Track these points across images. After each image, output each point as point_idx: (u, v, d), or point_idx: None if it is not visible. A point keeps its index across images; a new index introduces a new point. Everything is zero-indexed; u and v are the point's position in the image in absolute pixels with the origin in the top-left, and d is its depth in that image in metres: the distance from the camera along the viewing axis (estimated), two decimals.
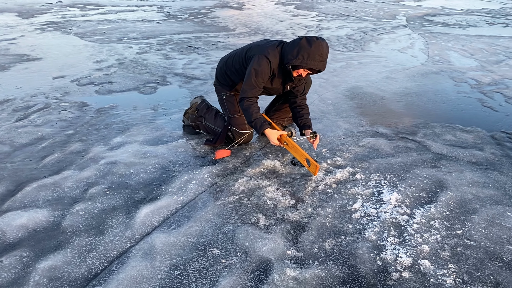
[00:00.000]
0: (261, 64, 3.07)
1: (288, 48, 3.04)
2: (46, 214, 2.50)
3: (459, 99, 4.87)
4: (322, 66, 3.01)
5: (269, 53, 3.07)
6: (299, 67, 3.02)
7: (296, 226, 2.50)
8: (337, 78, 5.53)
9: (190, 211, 2.61)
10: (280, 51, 3.09)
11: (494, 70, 6.15)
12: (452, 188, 2.94)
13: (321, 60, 2.98)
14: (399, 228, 2.50)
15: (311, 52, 2.94)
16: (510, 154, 3.51)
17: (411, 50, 7.35)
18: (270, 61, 3.07)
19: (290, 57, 2.99)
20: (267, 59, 3.06)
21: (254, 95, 3.14)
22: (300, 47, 2.96)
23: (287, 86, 3.27)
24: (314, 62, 2.97)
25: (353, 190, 2.89)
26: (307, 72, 3.09)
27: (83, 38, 7.14)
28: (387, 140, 3.70)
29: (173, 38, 7.46)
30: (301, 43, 2.97)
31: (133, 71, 5.42)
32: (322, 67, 3.03)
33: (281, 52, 3.09)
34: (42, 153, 3.25)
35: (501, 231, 2.51)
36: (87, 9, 10.15)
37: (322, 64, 3.01)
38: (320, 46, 2.95)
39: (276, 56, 3.08)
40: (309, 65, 2.97)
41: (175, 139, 3.57)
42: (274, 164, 3.22)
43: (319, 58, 2.96)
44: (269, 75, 3.14)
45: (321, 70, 3.06)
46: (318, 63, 2.98)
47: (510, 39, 8.57)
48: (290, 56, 2.99)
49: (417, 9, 12.59)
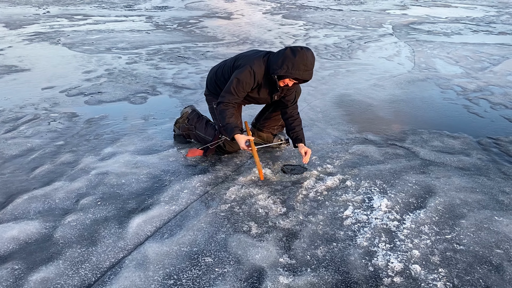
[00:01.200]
0: (244, 74, 3.12)
1: (273, 59, 3.08)
2: (37, 226, 2.49)
3: (445, 106, 4.95)
4: (307, 75, 3.04)
5: (255, 64, 3.12)
6: (284, 76, 3.06)
7: (288, 233, 2.52)
8: (325, 86, 5.59)
9: (182, 220, 2.62)
10: (266, 62, 3.14)
11: (479, 77, 6.28)
12: (441, 194, 2.99)
13: (306, 69, 3.01)
14: (389, 234, 2.54)
15: (296, 62, 2.97)
16: (496, 159, 3.59)
17: (398, 57, 7.47)
18: (254, 72, 3.12)
19: (275, 67, 3.03)
20: (252, 69, 3.11)
21: (231, 102, 3.19)
22: (285, 57, 3.00)
23: (275, 96, 3.31)
24: (299, 72, 3.00)
25: (344, 197, 2.92)
26: (294, 82, 3.13)
27: (72, 49, 7.12)
28: (376, 147, 3.75)
29: (162, 48, 7.48)
30: (286, 53, 3.01)
31: (122, 81, 5.42)
32: (308, 76, 3.05)
33: (267, 63, 3.13)
34: (32, 164, 3.23)
35: (489, 235, 2.55)
36: (75, 19, 10.13)
37: (307, 74, 3.03)
38: (305, 56, 2.98)
39: (261, 66, 3.13)
40: (294, 74, 3.00)
41: (166, 149, 3.57)
42: (265, 172, 3.24)
43: (304, 68, 2.99)
44: (252, 86, 3.18)
45: (307, 79, 3.09)
46: (303, 73, 3.01)
47: (494, 46, 8.75)
48: (275, 66, 3.03)
49: (402, 17, 12.80)
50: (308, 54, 3.01)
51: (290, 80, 3.10)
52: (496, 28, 11.31)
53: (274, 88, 3.22)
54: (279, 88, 3.19)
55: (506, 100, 5.20)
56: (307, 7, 14.31)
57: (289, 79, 3.08)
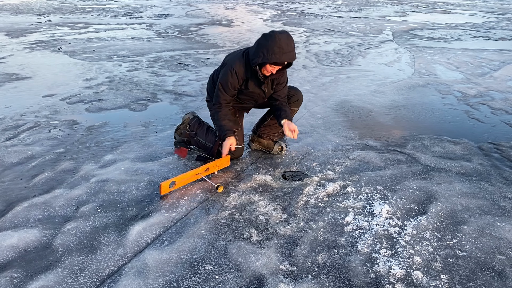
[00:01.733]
0: (226, 76, 3.22)
1: (250, 50, 3.14)
2: (37, 234, 2.48)
3: (446, 111, 4.95)
4: (285, 57, 2.99)
5: (235, 63, 3.19)
6: (262, 64, 3.07)
7: (288, 240, 2.51)
8: (326, 92, 5.60)
9: (182, 227, 2.61)
10: (246, 57, 3.18)
11: (479, 82, 6.28)
12: (442, 199, 2.97)
13: (282, 52, 2.96)
14: (391, 240, 2.52)
15: (269, 46, 2.97)
16: (498, 165, 3.57)
17: (398, 64, 7.48)
18: (235, 71, 3.18)
19: (253, 57, 3.07)
20: (232, 69, 3.19)
21: (223, 101, 3.31)
22: (259, 45, 3.04)
23: (265, 88, 3.30)
24: (275, 55, 2.97)
25: (344, 203, 2.91)
26: (276, 68, 3.10)
27: (73, 57, 7.15)
28: (377, 153, 3.74)
29: (163, 56, 7.50)
30: (259, 41, 3.06)
31: (123, 89, 5.43)
32: (286, 58, 3.00)
33: (247, 57, 3.17)
34: (32, 172, 3.22)
35: (491, 241, 2.54)
36: (76, 27, 10.18)
37: (285, 56, 2.98)
38: (277, 38, 2.96)
39: (241, 63, 3.18)
40: (270, 59, 2.98)
41: (167, 156, 3.57)
42: (265, 179, 3.23)
43: (279, 51, 2.96)
44: (239, 83, 3.24)
45: (286, 62, 3.03)
46: (280, 56, 2.97)
47: (494, 52, 8.77)
48: (253, 56, 3.07)
49: (402, 24, 12.84)
50: (282, 36, 2.99)
51: (271, 66, 3.07)
52: (496, 34, 11.34)
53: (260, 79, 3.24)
54: (262, 78, 3.19)
55: (507, 105, 5.19)
56: (307, 14, 14.36)
57: (269, 65, 3.06)
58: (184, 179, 3.08)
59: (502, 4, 22.24)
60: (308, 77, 6.34)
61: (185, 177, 3.08)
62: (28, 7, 13.55)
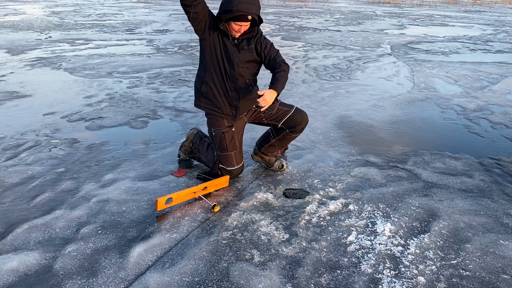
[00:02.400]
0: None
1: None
2: (37, 257, 2.46)
3: (446, 126, 4.96)
4: (241, 6, 2.87)
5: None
6: (222, 17, 3.00)
7: (291, 261, 2.49)
8: (325, 107, 5.61)
9: (183, 248, 2.59)
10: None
11: (479, 96, 6.30)
12: (445, 217, 2.96)
13: (239, 1, 2.88)
14: (394, 260, 2.50)
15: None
16: (499, 181, 3.56)
17: (397, 77, 7.51)
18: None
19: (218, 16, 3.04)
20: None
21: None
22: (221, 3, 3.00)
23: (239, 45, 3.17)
24: (232, 4, 2.89)
25: (347, 222, 2.89)
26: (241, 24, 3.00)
27: (73, 74, 7.17)
28: (378, 169, 3.73)
29: (163, 72, 7.54)
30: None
31: (123, 106, 5.44)
32: (243, 7, 2.88)
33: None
34: (33, 192, 3.21)
35: (495, 260, 2.52)
36: (77, 44, 10.24)
37: (241, 5, 2.87)
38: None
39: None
40: (227, 7, 2.91)
41: (167, 174, 3.56)
42: (267, 197, 3.22)
43: (237, 0, 2.89)
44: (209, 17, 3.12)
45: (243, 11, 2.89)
46: (237, 5, 2.88)
47: (492, 65, 8.81)
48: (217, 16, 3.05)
49: (400, 37, 12.93)
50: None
51: (236, 24, 2.99)
52: (494, 47, 11.41)
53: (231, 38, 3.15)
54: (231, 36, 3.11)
55: (507, 119, 5.20)
56: (305, 29, 14.48)
57: (233, 23, 3.00)
58: (181, 196, 3.07)
59: (498, 16, 22.44)
60: (307, 92, 6.36)
61: (182, 194, 3.07)
62: (29, 24, 13.66)
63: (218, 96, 3.29)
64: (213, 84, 3.28)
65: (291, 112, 3.43)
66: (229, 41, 3.14)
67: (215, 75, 3.25)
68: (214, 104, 3.33)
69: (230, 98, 3.28)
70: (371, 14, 21.83)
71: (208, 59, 3.24)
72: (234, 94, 3.26)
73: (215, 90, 3.29)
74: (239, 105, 3.30)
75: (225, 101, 3.30)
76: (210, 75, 3.27)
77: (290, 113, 3.42)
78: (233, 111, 3.31)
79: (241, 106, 3.31)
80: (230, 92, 3.26)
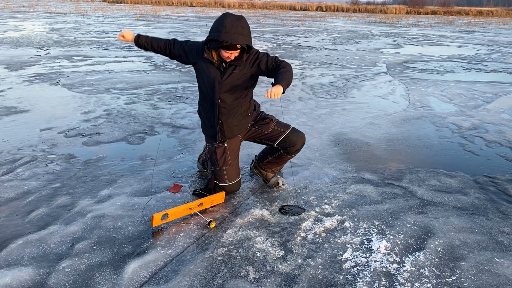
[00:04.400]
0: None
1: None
2: (31, 273, 2.44)
3: (441, 144, 4.99)
4: (226, 37, 2.90)
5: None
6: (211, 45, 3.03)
7: (286, 278, 2.48)
8: (322, 124, 5.65)
9: (178, 265, 2.58)
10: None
11: (473, 114, 6.36)
12: (440, 234, 2.96)
13: (225, 31, 2.91)
14: (389, 278, 2.50)
15: (214, 25, 3.01)
16: (494, 198, 3.58)
17: (393, 96, 7.59)
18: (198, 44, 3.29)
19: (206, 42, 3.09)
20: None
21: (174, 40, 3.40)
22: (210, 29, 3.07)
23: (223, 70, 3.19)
24: (217, 33, 2.93)
25: (342, 239, 2.89)
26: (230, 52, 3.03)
27: (71, 89, 7.21)
28: (373, 186, 3.75)
29: (161, 88, 7.60)
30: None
31: (121, 122, 5.47)
32: (227, 38, 2.90)
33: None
34: (28, 207, 3.20)
35: (491, 278, 2.52)
36: (75, 60, 10.32)
37: (226, 36, 2.90)
38: (223, 18, 2.96)
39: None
40: (212, 36, 2.95)
41: (163, 190, 3.56)
42: (263, 213, 3.22)
43: (223, 29, 2.92)
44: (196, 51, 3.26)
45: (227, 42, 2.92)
46: (223, 34, 2.91)
47: (486, 84, 8.92)
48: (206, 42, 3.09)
49: (396, 56, 13.09)
50: (230, 16, 2.98)
51: (226, 51, 3.03)
52: (488, 66, 11.56)
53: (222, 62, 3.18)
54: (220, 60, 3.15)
55: (501, 137, 5.25)
56: (302, 47, 14.65)
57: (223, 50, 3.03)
58: (176, 212, 3.06)
59: (492, 36, 22.79)
60: (304, 109, 6.41)
61: (178, 210, 3.07)
62: (28, 40, 13.77)
63: (205, 119, 3.44)
64: (203, 107, 3.44)
65: (286, 133, 3.46)
66: (214, 67, 3.19)
67: (203, 99, 3.40)
68: (203, 125, 3.53)
69: (214, 122, 3.35)
70: (367, 33, 22.14)
71: (198, 84, 3.38)
72: (216, 120, 3.33)
73: (204, 113, 3.45)
74: (224, 129, 3.36)
75: (210, 124, 3.41)
76: (200, 98, 3.45)
77: (285, 134, 3.45)
78: (218, 134, 3.38)
79: (225, 131, 3.36)
80: (213, 117, 3.35)
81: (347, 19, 37.88)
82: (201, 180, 3.80)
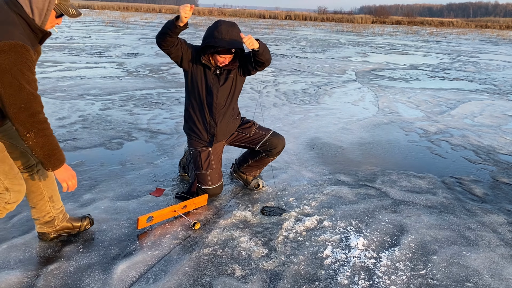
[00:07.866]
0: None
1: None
2: (19, 275, 2.45)
3: (410, 148, 5.25)
4: (221, 43, 3.05)
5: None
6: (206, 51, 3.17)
7: (271, 275, 2.59)
8: (297, 129, 5.82)
9: (166, 265, 2.65)
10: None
11: (439, 120, 6.70)
12: (412, 231, 3.16)
13: (220, 37, 3.06)
14: (368, 272, 2.65)
15: (208, 32, 3.14)
16: (461, 198, 3.82)
17: (363, 102, 7.87)
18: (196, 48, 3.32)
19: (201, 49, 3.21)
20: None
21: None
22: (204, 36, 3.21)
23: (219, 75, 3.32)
24: (212, 39, 3.08)
25: (322, 237, 3.04)
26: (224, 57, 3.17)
27: (44, 95, 7.11)
28: (349, 187, 3.92)
29: (136, 94, 7.59)
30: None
31: (97, 127, 5.45)
32: (222, 44, 3.05)
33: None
34: (10, 212, 3.17)
35: (460, 270, 2.71)
36: (45, 66, 10.14)
37: (222, 42, 3.05)
38: (218, 24, 3.11)
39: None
40: (208, 42, 3.10)
41: (145, 194, 3.61)
42: (245, 215, 3.33)
43: (217, 35, 3.07)
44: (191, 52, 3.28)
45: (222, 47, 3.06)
46: (217, 41, 3.06)
47: (450, 91, 9.38)
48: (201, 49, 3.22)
49: (364, 64, 13.52)
50: (224, 23, 3.13)
51: (220, 56, 3.17)
52: (451, 74, 12.13)
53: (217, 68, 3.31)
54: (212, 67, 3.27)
55: (465, 141, 5.56)
56: (274, 55, 14.89)
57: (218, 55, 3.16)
58: (161, 214, 3.13)
59: (454, 46, 23.83)
60: (279, 115, 6.57)
61: (162, 212, 3.13)
62: None
63: (198, 123, 3.47)
64: (193, 111, 3.47)
65: (267, 136, 3.60)
66: (210, 72, 3.32)
67: (195, 103, 3.44)
68: (193, 130, 3.52)
69: (208, 126, 3.45)
70: (336, 42, 22.70)
71: (190, 88, 3.42)
72: (212, 123, 3.43)
73: (195, 117, 3.48)
74: (216, 133, 3.46)
75: (203, 128, 3.47)
76: (191, 103, 3.46)
77: (266, 136, 3.59)
78: (210, 138, 3.49)
79: (218, 134, 3.48)
80: (208, 121, 3.44)
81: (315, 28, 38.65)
82: (182, 184, 3.87)
